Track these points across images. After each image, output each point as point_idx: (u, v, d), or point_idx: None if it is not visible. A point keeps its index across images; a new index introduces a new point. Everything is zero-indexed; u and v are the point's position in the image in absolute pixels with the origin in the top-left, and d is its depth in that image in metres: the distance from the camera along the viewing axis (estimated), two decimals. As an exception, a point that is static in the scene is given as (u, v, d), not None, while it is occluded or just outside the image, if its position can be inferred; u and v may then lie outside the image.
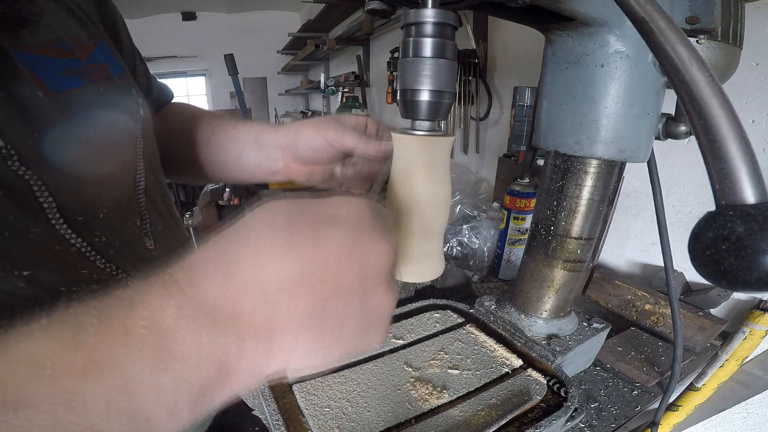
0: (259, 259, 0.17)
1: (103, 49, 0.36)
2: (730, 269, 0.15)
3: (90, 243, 0.30)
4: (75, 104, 0.31)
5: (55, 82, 0.30)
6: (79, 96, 0.31)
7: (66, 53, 0.32)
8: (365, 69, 2.42)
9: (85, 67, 0.33)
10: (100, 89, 0.34)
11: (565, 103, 0.44)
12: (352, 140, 0.40)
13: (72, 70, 0.32)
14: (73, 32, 0.33)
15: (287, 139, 0.44)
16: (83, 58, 0.33)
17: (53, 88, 0.29)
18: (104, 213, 0.32)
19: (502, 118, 1.32)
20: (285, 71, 4.44)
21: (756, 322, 0.56)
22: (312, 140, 0.42)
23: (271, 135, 0.46)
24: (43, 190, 0.27)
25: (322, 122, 0.42)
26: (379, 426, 0.42)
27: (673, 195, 0.82)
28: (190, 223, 1.26)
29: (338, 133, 0.41)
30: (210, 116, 0.50)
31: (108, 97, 0.34)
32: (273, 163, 0.46)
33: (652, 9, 0.18)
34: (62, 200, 0.28)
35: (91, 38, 0.35)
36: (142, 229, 0.37)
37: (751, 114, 0.68)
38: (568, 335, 0.58)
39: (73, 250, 0.29)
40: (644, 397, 0.60)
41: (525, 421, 0.45)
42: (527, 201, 0.82)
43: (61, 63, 0.31)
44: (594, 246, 0.54)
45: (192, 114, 0.51)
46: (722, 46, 0.40)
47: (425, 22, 0.28)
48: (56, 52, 0.31)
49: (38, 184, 0.27)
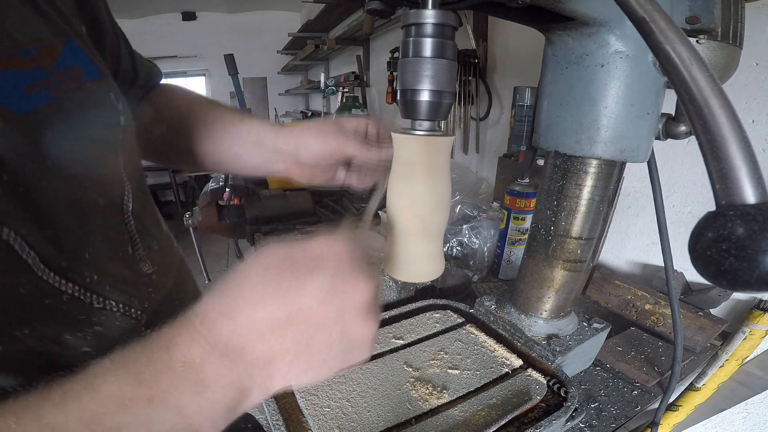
0: (255, 306, 0.21)
1: (73, 48, 0.30)
2: (730, 269, 0.15)
3: (82, 285, 0.28)
4: (42, 128, 0.26)
5: (17, 102, 0.25)
6: (46, 116, 0.26)
7: (26, 62, 0.26)
8: (365, 69, 2.42)
9: (51, 78, 0.27)
10: (72, 103, 0.29)
11: (565, 103, 0.44)
12: (353, 148, 0.40)
13: (36, 83, 0.26)
14: (34, 32, 0.27)
15: (288, 146, 0.44)
16: (48, 66, 0.27)
17: (15, 111, 0.24)
18: (90, 252, 0.29)
19: (502, 118, 1.32)
20: (285, 71, 4.44)
21: (756, 322, 0.56)
22: (313, 148, 0.42)
23: (271, 138, 0.45)
24: (23, 245, 0.24)
25: (323, 129, 0.42)
26: (379, 426, 0.42)
27: (673, 195, 0.82)
28: (190, 223, 1.26)
29: (339, 141, 0.40)
30: (205, 106, 0.48)
31: (82, 112, 0.29)
32: (273, 165, 0.45)
33: (652, 9, 0.18)
34: (43, 251, 0.25)
35: (58, 35, 0.29)
36: (135, 256, 0.34)
37: (751, 114, 0.68)
38: (568, 335, 0.58)
39: (66, 297, 0.27)
40: (644, 397, 0.60)
41: (525, 421, 0.45)
42: (527, 201, 0.82)
43: (21, 76, 0.25)
44: (594, 246, 0.54)
45: (185, 101, 0.48)
46: (722, 46, 0.40)
47: (425, 23, 0.28)
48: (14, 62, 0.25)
49: (17, 239, 0.24)
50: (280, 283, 0.22)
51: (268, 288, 0.22)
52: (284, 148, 0.44)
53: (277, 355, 0.22)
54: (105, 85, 0.33)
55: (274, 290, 0.21)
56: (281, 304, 0.21)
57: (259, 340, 0.21)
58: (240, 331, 0.21)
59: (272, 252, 0.23)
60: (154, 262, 0.36)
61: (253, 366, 0.22)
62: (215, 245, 3.25)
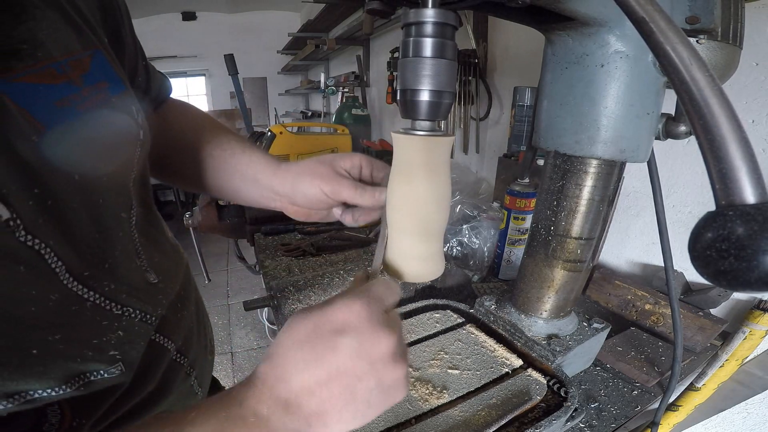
0: (300, 371, 0.25)
1: (101, 61, 0.31)
2: (730, 269, 0.15)
3: (102, 293, 0.30)
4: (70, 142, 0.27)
5: (48, 117, 0.25)
6: (74, 130, 0.27)
7: (59, 76, 0.26)
8: (365, 69, 2.42)
9: (80, 93, 0.28)
10: (98, 118, 0.29)
11: (565, 103, 0.44)
12: (346, 193, 0.41)
13: (66, 98, 0.27)
14: (67, 45, 0.28)
15: (285, 188, 0.44)
16: (78, 80, 0.28)
17: (46, 126, 0.25)
18: (109, 262, 0.31)
19: (502, 118, 1.32)
20: (285, 71, 4.45)
21: (756, 322, 0.56)
22: (308, 192, 0.42)
23: (268, 177, 0.45)
24: (52, 255, 0.25)
25: (318, 171, 0.42)
26: (379, 426, 0.42)
27: (673, 195, 0.82)
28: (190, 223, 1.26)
29: (333, 186, 0.41)
30: (209, 131, 0.48)
31: (107, 127, 0.30)
32: (270, 202, 0.46)
33: (652, 9, 0.18)
34: (69, 261, 0.27)
35: (87, 47, 0.30)
36: (140, 267, 0.35)
37: (751, 114, 0.68)
38: (568, 335, 0.58)
39: (89, 304, 0.29)
40: (644, 397, 0.60)
41: (525, 421, 0.45)
42: (527, 201, 0.82)
43: (53, 90, 0.26)
44: (594, 246, 0.54)
45: (191, 125, 0.49)
46: (722, 46, 0.40)
47: (425, 22, 0.28)
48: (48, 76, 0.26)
49: (46, 250, 0.25)
50: (315, 350, 0.26)
51: (306, 356, 0.26)
52: (280, 190, 0.45)
53: (328, 406, 0.25)
54: (128, 98, 0.34)
55: (312, 356, 0.25)
56: (321, 366, 0.25)
57: (311, 396, 0.25)
58: (294, 390, 0.25)
59: (302, 325, 0.27)
60: (158, 272, 0.37)
61: (310, 416, 0.25)
62: (215, 245, 3.25)
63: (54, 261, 0.26)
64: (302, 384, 0.25)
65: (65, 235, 0.27)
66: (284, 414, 0.25)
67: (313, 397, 0.25)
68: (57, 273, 0.26)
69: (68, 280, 0.27)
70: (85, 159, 0.28)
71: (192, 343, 0.43)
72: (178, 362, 0.40)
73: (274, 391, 0.25)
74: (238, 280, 2.85)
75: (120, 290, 0.31)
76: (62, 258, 0.26)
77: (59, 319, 0.26)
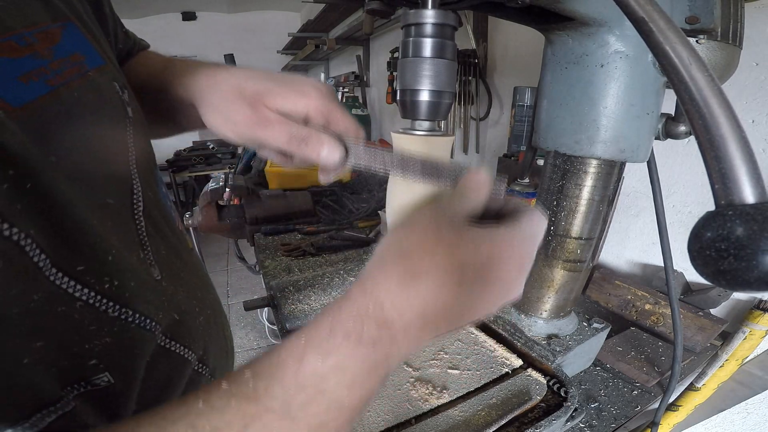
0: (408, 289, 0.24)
1: (73, 33, 0.28)
2: (730, 269, 0.15)
3: (99, 291, 0.26)
4: (43, 120, 0.24)
5: (12, 92, 0.23)
6: (46, 108, 0.24)
7: (21, 49, 0.24)
8: (365, 69, 2.42)
9: (49, 66, 0.25)
10: (73, 93, 0.26)
11: (565, 103, 0.44)
12: (276, 139, 0.33)
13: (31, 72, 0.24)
14: (30, 16, 0.25)
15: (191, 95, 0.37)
16: (45, 53, 0.25)
17: (12, 103, 0.23)
18: (112, 255, 0.27)
19: (502, 118, 1.32)
20: (285, 71, 4.45)
21: (756, 322, 0.56)
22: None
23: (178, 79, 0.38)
24: (33, 246, 0.22)
25: (235, 108, 0.34)
26: (379, 426, 0.42)
27: (673, 195, 0.82)
28: (190, 223, 1.26)
29: (255, 130, 0.34)
30: (180, 60, 0.43)
31: (85, 103, 0.27)
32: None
33: (652, 9, 0.18)
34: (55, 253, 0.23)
35: (57, 19, 0.27)
36: (146, 261, 0.31)
37: (751, 114, 0.68)
38: (568, 335, 0.58)
39: (79, 304, 0.25)
40: (644, 397, 0.60)
41: (525, 421, 0.45)
42: (527, 201, 0.82)
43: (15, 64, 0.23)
44: (594, 246, 0.54)
45: (160, 58, 0.45)
46: (722, 46, 0.40)
47: (425, 23, 0.28)
48: (6, 49, 0.23)
49: (27, 240, 0.21)
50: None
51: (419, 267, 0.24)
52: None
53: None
54: (108, 73, 0.31)
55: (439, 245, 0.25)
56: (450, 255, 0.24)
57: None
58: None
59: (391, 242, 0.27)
60: (162, 268, 0.33)
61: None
62: (215, 245, 3.25)
63: (36, 253, 0.22)
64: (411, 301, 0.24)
65: (51, 225, 0.23)
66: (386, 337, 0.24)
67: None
68: (41, 267, 0.22)
69: (55, 276, 0.23)
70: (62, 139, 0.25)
71: (211, 350, 0.39)
72: (201, 373, 0.37)
73: (385, 311, 0.24)
74: (238, 280, 2.85)
75: (123, 288, 0.28)
76: (45, 250, 0.23)
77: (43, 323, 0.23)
